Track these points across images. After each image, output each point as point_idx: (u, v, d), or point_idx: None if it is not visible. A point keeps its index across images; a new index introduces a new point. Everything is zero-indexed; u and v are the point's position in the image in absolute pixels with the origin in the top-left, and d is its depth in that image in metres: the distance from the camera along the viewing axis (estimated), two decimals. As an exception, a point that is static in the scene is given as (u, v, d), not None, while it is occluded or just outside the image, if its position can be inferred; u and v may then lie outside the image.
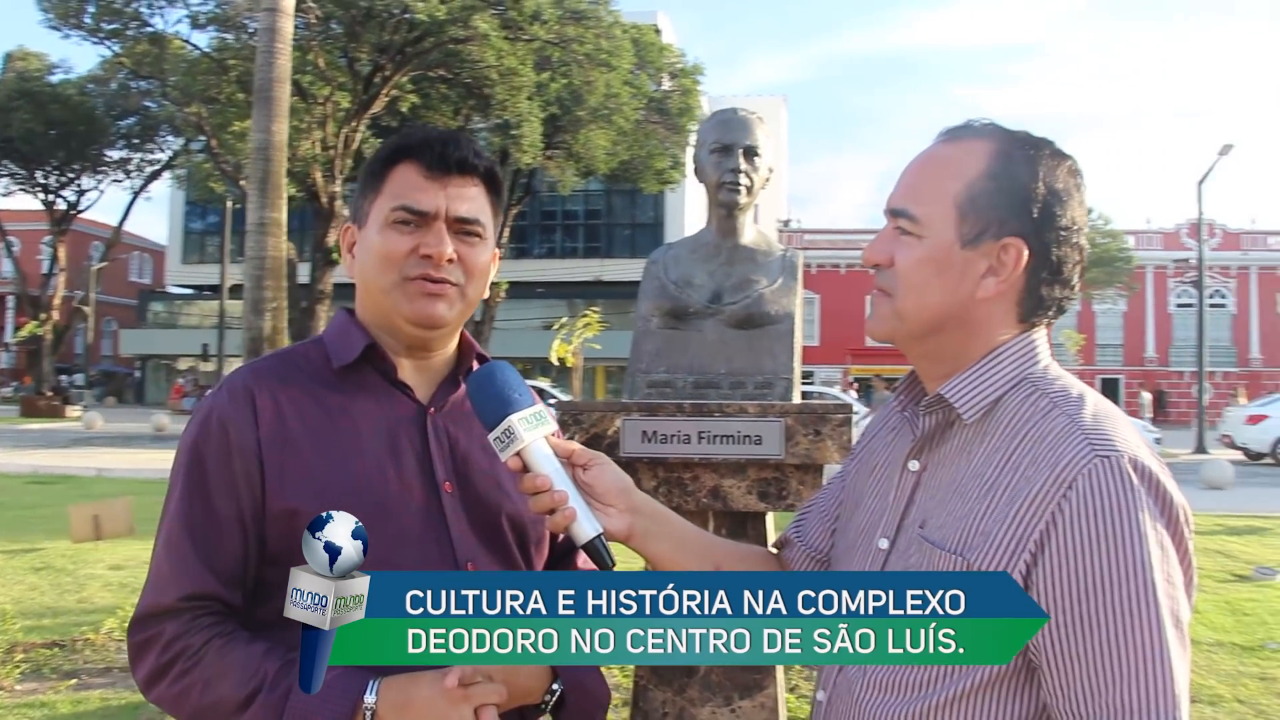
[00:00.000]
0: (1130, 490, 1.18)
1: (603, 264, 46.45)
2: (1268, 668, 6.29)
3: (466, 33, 23.19)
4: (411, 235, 1.53)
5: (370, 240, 1.57)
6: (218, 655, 1.41)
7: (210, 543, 1.47)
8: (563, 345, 23.03)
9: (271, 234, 4.98)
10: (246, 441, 1.48)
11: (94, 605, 7.39)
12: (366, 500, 1.47)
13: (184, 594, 1.45)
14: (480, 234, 1.58)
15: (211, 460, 1.49)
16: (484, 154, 1.60)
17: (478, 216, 1.57)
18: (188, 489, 1.49)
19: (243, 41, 25.07)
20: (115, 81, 33.88)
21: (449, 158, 1.55)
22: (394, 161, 1.57)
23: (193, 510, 1.48)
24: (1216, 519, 12.87)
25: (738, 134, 3.03)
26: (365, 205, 1.60)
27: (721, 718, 2.85)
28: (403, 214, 1.53)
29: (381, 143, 6.58)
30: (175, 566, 1.47)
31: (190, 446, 1.51)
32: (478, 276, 1.59)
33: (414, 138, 1.59)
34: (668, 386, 3.02)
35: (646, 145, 30.15)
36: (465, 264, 1.56)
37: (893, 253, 1.36)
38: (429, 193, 1.54)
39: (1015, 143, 1.35)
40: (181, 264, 50.72)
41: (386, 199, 1.55)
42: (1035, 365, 1.35)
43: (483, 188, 1.60)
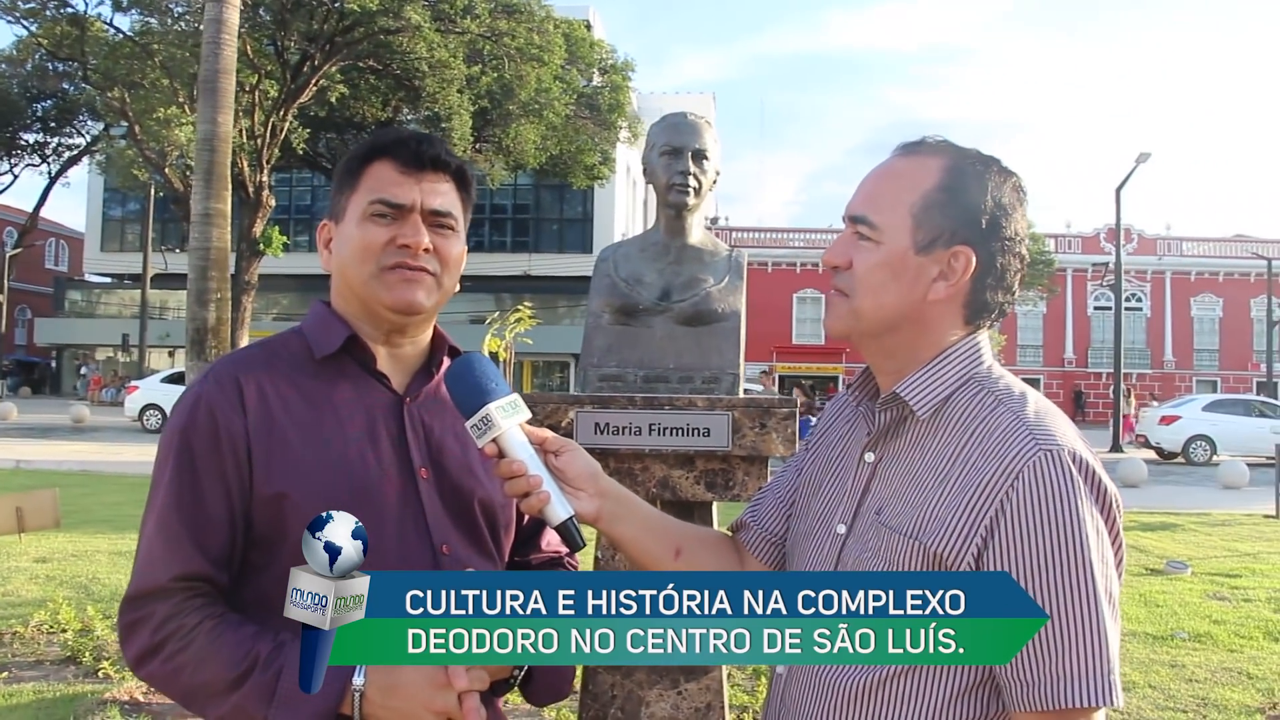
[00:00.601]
0: (1070, 481, 1.30)
1: (530, 259, 46.34)
2: (1177, 656, 6.58)
3: (397, 24, 22.97)
4: (389, 227, 1.61)
5: (349, 233, 1.64)
6: (209, 636, 1.46)
7: (200, 525, 1.51)
8: (495, 340, 22.95)
9: (216, 225, 4.95)
10: (234, 427, 1.54)
11: (20, 599, 7.28)
12: (348, 485, 1.54)
13: (175, 574, 1.49)
14: (453, 226, 1.67)
15: (200, 446, 1.53)
16: (454, 153, 1.69)
17: (450, 210, 1.66)
18: (177, 473, 1.53)
19: (167, 26, 24.56)
20: (31, 62, 32.93)
21: (423, 155, 1.63)
22: (370, 159, 1.65)
23: (182, 494, 1.52)
24: (1131, 515, 13.26)
25: (687, 137, 3.13)
26: (342, 201, 1.67)
27: (668, 700, 2.95)
28: (380, 207, 1.61)
29: (310, 141, 6.52)
30: (167, 547, 1.51)
31: (179, 432, 1.56)
32: (452, 266, 1.67)
33: (389, 137, 1.67)
34: (619, 380, 3.11)
35: (576, 140, 30.13)
36: (440, 254, 1.64)
37: (851, 256, 1.47)
38: (405, 187, 1.61)
39: (967, 159, 1.47)
40: (101, 252, 49.43)
41: (364, 194, 1.63)
42: (980, 365, 1.47)
43: (453, 184, 1.68)
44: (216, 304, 4.84)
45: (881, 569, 1.39)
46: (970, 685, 1.35)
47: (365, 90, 27.02)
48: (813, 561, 1.53)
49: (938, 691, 1.35)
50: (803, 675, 1.48)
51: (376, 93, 27.17)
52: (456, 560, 1.62)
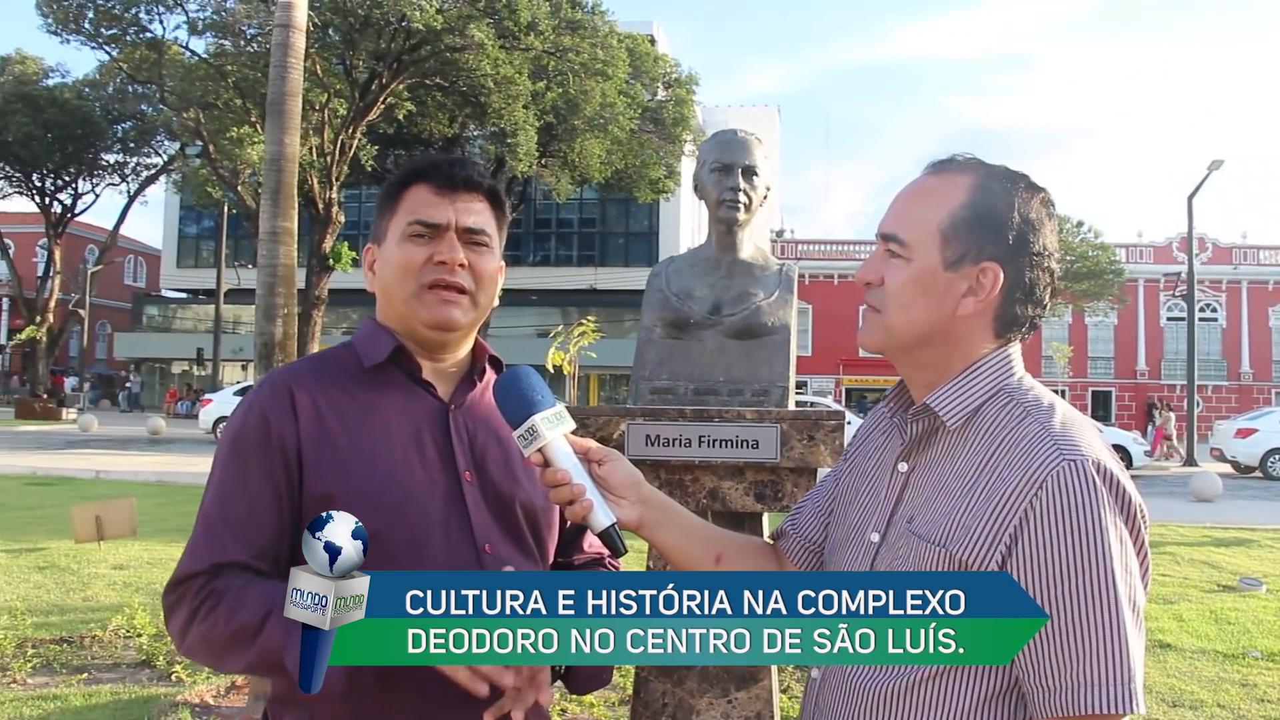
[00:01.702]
0: (1094, 490, 1.32)
1: (597, 272, 46.57)
2: (1249, 674, 6.44)
3: (463, 42, 23.31)
4: (426, 246, 1.71)
5: (390, 254, 1.74)
6: (239, 591, 1.54)
7: (243, 520, 1.60)
8: (559, 353, 23.11)
9: (283, 242, 5.12)
10: (286, 431, 1.63)
11: (99, 604, 7.52)
12: (395, 488, 1.63)
13: (214, 561, 1.58)
14: (487, 244, 1.76)
15: (251, 446, 1.63)
16: (487, 174, 1.79)
17: (484, 228, 1.75)
18: (226, 471, 1.64)
19: (240, 48, 25.15)
20: (112, 86, 33.93)
21: (456, 177, 1.74)
22: (407, 184, 1.76)
23: (228, 490, 1.62)
24: (1204, 531, 13.03)
25: (737, 154, 3.18)
26: (384, 224, 1.77)
27: (718, 708, 2.99)
28: (418, 227, 1.71)
29: (378, 158, 6.64)
30: (208, 537, 1.60)
31: (232, 437, 1.66)
32: (487, 283, 1.77)
33: (424, 162, 1.78)
34: (670, 393, 3.16)
35: (641, 154, 30.32)
36: (475, 271, 1.73)
37: (883, 273, 1.52)
38: (440, 207, 1.72)
39: (994, 176, 1.50)
40: (176, 268, 50.67)
41: (402, 216, 1.73)
42: (1011, 377, 1.50)
43: (487, 203, 1.78)
44: (283, 319, 4.98)
45: None
46: (998, 691, 1.38)
47: (432, 107, 27.44)
48: (847, 568, 1.57)
49: (966, 697, 1.38)
50: (835, 679, 1.51)
51: (443, 109, 27.57)
52: (498, 559, 1.68)
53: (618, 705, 5.22)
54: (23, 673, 5.65)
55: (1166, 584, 9.41)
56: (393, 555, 1.58)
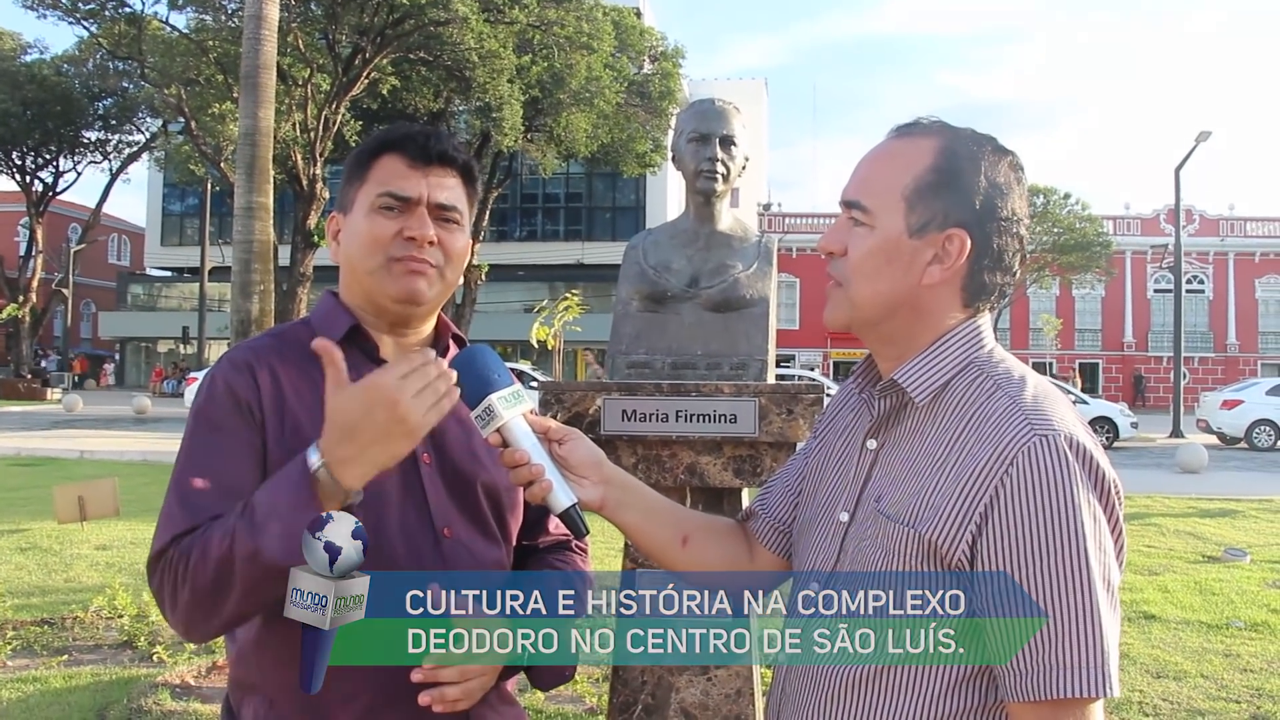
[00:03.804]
0: (1066, 466, 1.28)
1: (583, 247, 46.45)
2: (1232, 645, 6.46)
3: (446, 15, 23.12)
4: (396, 220, 1.64)
5: (356, 225, 1.67)
6: (203, 534, 1.45)
7: (215, 481, 1.52)
8: (543, 328, 23.03)
9: (259, 218, 5.06)
10: (249, 399, 1.58)
11: (81, 585, 7.48)
12: None
13: (186, 528, 1.48)
14: (458, 220, 1.70)
15: (220, 413, 1.57)
16: (461, 148, 1.72)
17: (456, 204, 1.69)
18: (193, 439, 1.57)
19: (221, 23, 24.95)
20: (92, 62, 33.71)
21: (430, 150, 1.66)
22: (379, 153, 1.68)
23: (195, 456, 1.55)
24: (1190, 502, 13.08)
25: (715, 124, 3.12)
26: (351, 193, 1.70)
27: (698, 685, 2.97)
28: (388, 199, 1.64)
29: (362, 133, 6.61)
30: (180, 503, 1.52)
31: (198, 410, 1.60)
32: (455, 260, 1.70)
33: (397, 132, 1.70)
34: (646, 367, 3.12)
35: (627, 129, 30.18)
36: (445, 247, 1.67)
37: (846, 242, 1.46)
38: (412, 180, 1.65)
39: (960, 139, 1.44)
40: (161, 246, 50.38)
41: (372, 186, 1.66)
42: (981, 349, 1.44)
43: (460, 179, 1.71)
44: (260, 295, 4.93)
45: (879, 557, 1.38)
46: (967, 676, 1.33)
47: (417, 82, 27.26)
48: (816, 549, 1.52)
49: (934, 682, 1.34)
50: (803, 666, 1.48)
51: (428, 84, 27.39)
52: (459, 543, 1.64)
53: (601, 681, 5.20)
54: (2, 655, 5.61)
55: (1152, 555, 9.44)
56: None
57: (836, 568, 1.46)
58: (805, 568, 1.53)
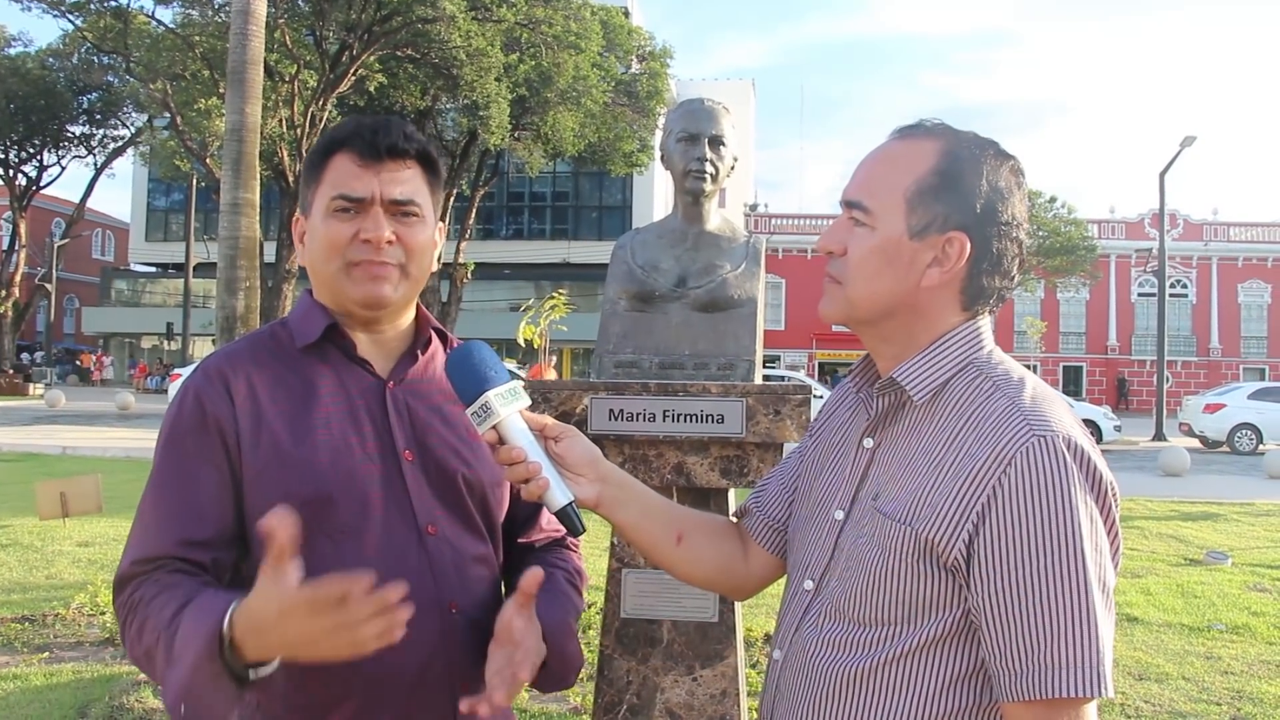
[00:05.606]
0: (1064, 467, 1.28)
1: (570, 246, 46.43)
2: (1214, 647, 6.49)
3: (434, 13, 23.05)
4: (351, 221, 1.61)
5: (315, 229, 1.64)
6: (159, 603, 1.44)
7: (179, 510, 1.52)
8: (529, 327, 23.01)
9: (245, 214, 5.03)
10: (223, 414, 1.55)
11: (63, 581, 7.43)
12: (332, 469, 1.56)
13: (142, 557, 1.50)
14: (417, 213, 1.65)
15: (188, 432, 1.55)
16: (416, 136, 1.67)
17: (412, 197, 1.64)
18: (163, 460, 1.56)
19: (208, 18, 24.83)
20: (77, 56, 33.53)
21: (379, 145, 1.61)
22: (330, 153, 1.64)
23: (165, 480, 1.55)
24: (1172, 505, 13.15)
25: (704, 123, 3.11)
26: (309, 196, 1.67)
27: (683, 686, 2.96)
28: (341, 202, 1.61)
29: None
30: (144, 531, 1.53)
31: (169, 426, 1.58)
32: (418, 254, 1.66)
33: (346, 129, 1.66)
34: (634, 367, 3.11)
35: (614, 128, 30.17)
36: (405, 244, 1.63)
37: (846, 242, 1.46)
38: (363, 179, 1.60)
39: (962, 143, 1.44)
40: (145, 241, 50.13)
41: (326, 189, 1.63)
42: (980, 350, 1.45)
43: (418, 169, 1.66)
44: (246, 292, 4.91)
45: (875, 555, 1.38)
46: (964, 673, 1.34)
47: (404, 79, 27.17)
48: (811, 547, 1.52)
49: (931, 679, 1.34)
50: (797, 660, 1.47)
51: (415, 81, 27.31)
52: (444, 540, 1.62)
53: (585, 681, 5.19)
54: (-19, 652, 5.57)
55: (1134, 558, 9.48)
56: (332, 540, 1.52)
57: (831, 565, 1.46)
58: (800, 565, 1.53)
